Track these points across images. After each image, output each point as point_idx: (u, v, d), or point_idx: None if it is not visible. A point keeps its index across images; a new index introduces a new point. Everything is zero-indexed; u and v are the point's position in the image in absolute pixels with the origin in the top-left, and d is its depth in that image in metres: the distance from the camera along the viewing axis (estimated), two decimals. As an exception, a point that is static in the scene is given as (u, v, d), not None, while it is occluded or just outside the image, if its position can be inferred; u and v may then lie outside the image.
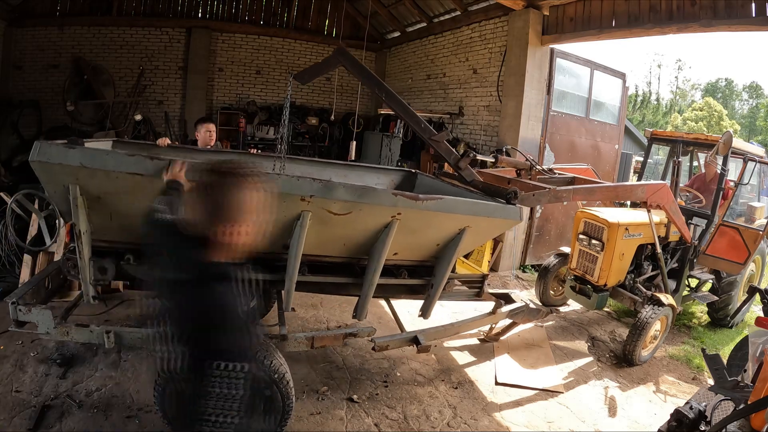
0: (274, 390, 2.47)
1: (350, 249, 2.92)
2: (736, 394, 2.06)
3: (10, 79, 8.61)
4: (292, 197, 2.41)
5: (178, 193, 2.02)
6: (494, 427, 3.13)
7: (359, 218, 2.64)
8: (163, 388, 2.39)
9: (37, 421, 2.64)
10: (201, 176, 1.44)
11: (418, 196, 2.68)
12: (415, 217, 2.70)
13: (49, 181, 2.26)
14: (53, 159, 2.13)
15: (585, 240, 4.52)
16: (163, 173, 2.17)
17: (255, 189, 1.40)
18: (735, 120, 30.62)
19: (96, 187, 2.26)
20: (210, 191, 1.39)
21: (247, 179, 1.39)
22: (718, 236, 4.85)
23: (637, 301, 4.40)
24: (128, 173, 2.18)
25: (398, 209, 2.64)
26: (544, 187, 3.38)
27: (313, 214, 2.51)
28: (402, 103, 3.35)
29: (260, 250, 2.72)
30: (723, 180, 4.79)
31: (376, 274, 2.88)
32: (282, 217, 2.52)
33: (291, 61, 10.42)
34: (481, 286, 3.85)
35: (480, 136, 7.36)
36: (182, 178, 2.14)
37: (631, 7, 5.34)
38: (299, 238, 2.54)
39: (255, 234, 1.45)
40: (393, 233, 2.72)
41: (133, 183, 2.22)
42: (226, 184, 1.37)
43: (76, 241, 2.40)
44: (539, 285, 5.34)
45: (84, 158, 2.14)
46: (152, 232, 1.60)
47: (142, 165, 2.20)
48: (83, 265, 2.48)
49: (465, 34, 7.83)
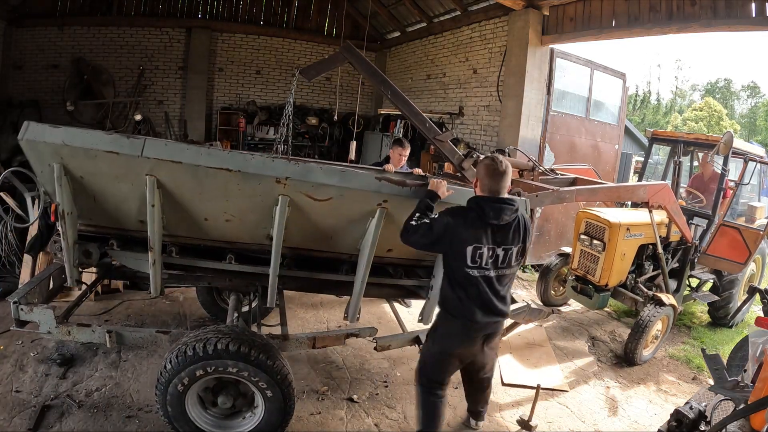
0: (276, 390, 2.47)
1: (339, 243, 2.80)
2: (736, 394, 2.06)
3: (10, 79, 8.62)
4: (267, 179, 2.33)
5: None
6: (494, 427, 3.13)
7: (342, 206, 2.52)
8: (165, 387, 2.40)
9: (37, 421, 2.64)
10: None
11: (405, 181, 2.53)
12: (403, 205, 2.53)
13: (37, 160, 2.30)
14: (39, 137, 2.19)
15: (586, 240, 4.53)
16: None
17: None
18: (735, 120, 30.60)
19: (78, 167, 2.30)
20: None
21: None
22: (718, 236, 4.86)
23: (638, 301, 4.41)
24: (106, 151, 2.21)
25: (383, 196, 2.49)
26: (546, 188, 3.37)
27: (293, 199, 2.41)
28: (407, 102, 3.33)
29: (245, 242, 2.69)
30: (723, 180, 4.79)
31: (367, 271, 2.73)
32: (260, 202, 2.43)
33: (291, 61, 10.43)
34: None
35: (480, 136, 7.36)
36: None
37: (631, 7, 5.35)
38: (279, 225, 2.45)
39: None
40: (381, 224, 2.56)
41: (111, 162, 2.25)
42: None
43: (59, 222, 2.41)
44: (540, 285, 5.34)
45: (66, 136, 2.20)
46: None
47: (118, 143, 2.23)
48: (67, 247, 2.48)
49: (465, 34, 7.84)
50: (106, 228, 2.64)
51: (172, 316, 4.17)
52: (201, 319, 4.07)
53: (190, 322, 4.08)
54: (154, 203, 2.35)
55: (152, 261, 2.52)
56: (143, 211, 2.39)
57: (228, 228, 2.62)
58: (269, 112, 10.10)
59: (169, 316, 4.15)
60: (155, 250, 2.49)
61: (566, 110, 6.86)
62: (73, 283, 2.62)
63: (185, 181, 2.35)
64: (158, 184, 2.32)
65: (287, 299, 3.81)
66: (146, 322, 3.99)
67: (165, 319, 4.10)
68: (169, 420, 2.48)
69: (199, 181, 2.34)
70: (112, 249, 2.67)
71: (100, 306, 4.15)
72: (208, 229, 2.64)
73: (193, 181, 2.34)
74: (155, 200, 2.35)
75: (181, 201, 2.44)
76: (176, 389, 2.40)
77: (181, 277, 3.82)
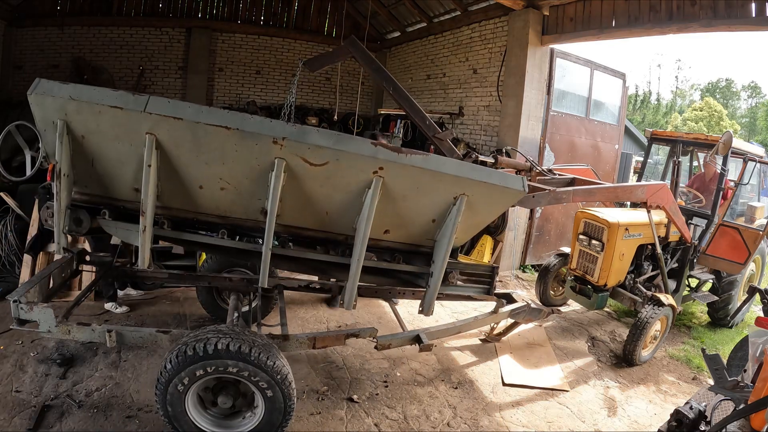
0: (277, 391, 2.47)
1: (335, 222, 2.75)
2: (736, 394, 2.06)
3: (10, 79, 8.62)
4: (264, 139, 2.34)
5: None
6: (494, 427, 3.13)
7: (338, 173, 2.48)
8: (165, 387, 2.40)
9: (37, 421, 2.64)
10: None
11: (401, 149, 2.49)
12: (399, 175, 2.48)
13: (42, 116, 2.34)
14: (47, 92, 2.24)
15: (585, 240, 4.52)
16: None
17: None
18: (735, 120, 30.60)
19: (81, 124, 2.33)
20: None
21: None
22: (718, 236, 4.85)
23: (637, 301, 4.40)
24: (110, 106, 2.25)
25: (379, 163, 2.45)
26: (544, 189, 3.37)
27: (288, 164, 2.41)
28: (408, 98, 3.36)
29: (239, 216, 2.69)
30: (723, 180, 4.79)
31: (363, 250, 2.66)
32: (257, 166, 2.44)
33: (291, 61, 10.42)
34: (491, 281, 3.41)
35: (480, 136, 7.36)
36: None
37: (631, 7, 5.35)
38: (274, 193, 2.44)
39: None
40: (377, 195, 2.51)
41: (114, 119, 2.29)
42: None
43: (55, 182, 2.44)
44: (539, 285, 5.33)
45: (73, 91, 2.25)
46: None
47: (123, 99, 2.27)
48: (59, 210, 2.49)
49: (465, 34, 7.83)
50: (100, 197, 2.66)
51: (172, 315, 4.17)
52: (201, 319, 4.07)
53: (190, 322, 4.08)
54: (151, 164, 2.37)
55: (143, 227, 2.50)
56: (139, 177, 2.42)
57: (223, 198, 2.61)
58: (269, 112, 10.09)
59: (169, 316, 4.15)
60: (147, 215, 2.48)
61: (566, 110, 6.86)
62: (59, 250, 2.61)
63: (184, 141, 2.38)
64: (157, 144, 2.35)
65: (287, 299, 3.82)
66: (146, 322, 3.99)
67: (165, 318, 4.11)
68: (169, 420, 2.47)
69: (197, 141, 2.37)
70: (103, 219, 2.66)
71: (99, 305, 4.15)
72: (202, 200, 2.64)
73: (192, 141, 2.37)
74: (153, 160, 2.37)
75: (177, 165, 2.46)
76: (176, 389, 2.40)
77: (181, 277, 3.84)
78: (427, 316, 3.16)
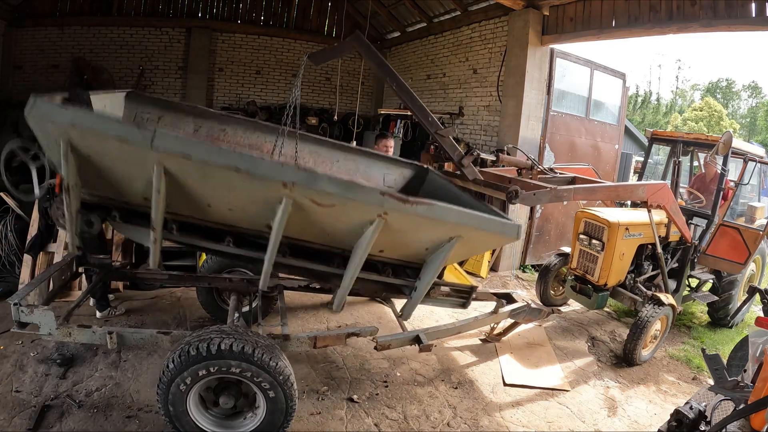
0: (278, 391, 2.47)
1: (334, 239, 2.82)
2: (736, 394, 2.06)
3: (10, 79, 8.62)
4: (274, 182, 2.34)
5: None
6: (494, 427, 3.13)
7: (344, 212, 2.55)
8: (167, 386, 2.40)
9: (37, 421, 2.64)
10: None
11: (408, 199, 2.55)
12: (402, 219, 2.57)
13: (43, 136, 2.30)
14: (46, 116, 2.16)
15: (585, 240, 4.52)
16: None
17: None
18: (735, 120, 30.60)
19: (86, 147, 2.29)
20: None
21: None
22: (718, 236, 4.86)
23: (637, 300, 4.40)
24: (116, 137, 2.20)
25: (385, 209, 2.51)
26: (545, 187, 3.37)
27: (296, 201, 2.43)
28: (411, 95, 3.37)
29: (244, 227, 2.72)
30: (723, 180, 4.80)
31: (358, 268, 2.75)
32: (264, 200, 2.46)
33: (291, 61, 10.43)
34: (468, 298, 3.63)
35: (480, 136, 7.36)
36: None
37: (631, 7, 5.35)
38: (280, 222, 2.47)
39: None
40: (378, 231, 2.60)
41: (120, 147, 2.24)
42: None
43: (64, 194, 2.43)
44: (540, 285, 5.33)
45: (74, 117, 2.17)
46: None
47: (128, 132, 2.21)
48: (70, 218, 2.50)
49: (465, 34, 7.84)
50: (110, 199, 2.66)
51: (172, 316, 4.17)
52: (201, 320, 4.07)
53: (190, 322, 4.08)
54: (160, 190, 2.37)
55: (153, 239, 2.55)
56: (148, 191, 2.41)
57: (229, 215, 2.66)
58: (269, 112, 10.08)
59: (169, 317, 4.15)
60: (157, 230, 2.52)
61: (566, 110, 6.86)
62: (74, 250, 2.64)
63: (192, 173, 2.37)
64: (165, 171, 2.34)
65: (287, 299, 3.82)
66: (146, 322, 3.99)
67: (165, 319, 4.11)
68: (171, 420, 2.47)
69: (205, 174, 2.37)
70: (114, 220, 2.68)
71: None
72: (210, 213, 2.67)
73: (199, 173, 2.37)
74: (161, 187, 2.36)
75: (185, 187, 2.47)
76: (178, 389, 2.40)
77: (181, 277, 3.84)
78: (405, 320, 3.26)
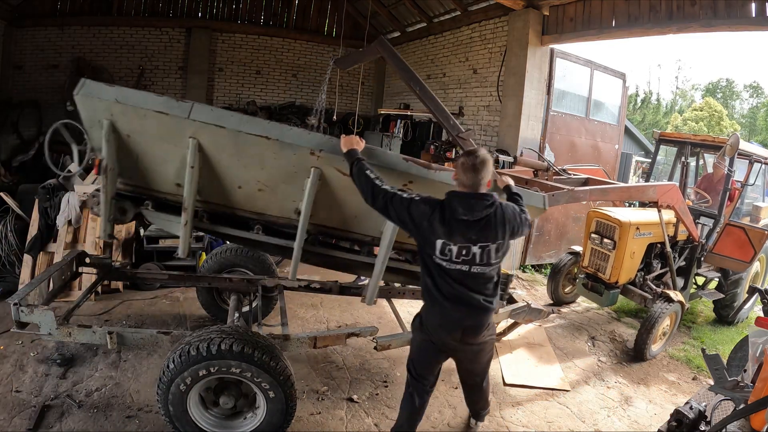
0: (279, 391, 2.47)
1: (362, 224, 2.87)
2: (736, 394, 2.06)
3: (10, 79, 8.61)
4: (302, 149, 2.44)
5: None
6: (494, 427, 3.13)
7: None
8: (167, 386, 2.40)
9: (37, 421, 2.64)
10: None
11: (431, 165, 2.64)
12: (427, 188, 2.56)
13: (88, 116, 2.43)
14: (93, 93, 2.33)
15: (597, 239, 4.60)
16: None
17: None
18: (735, 120, 30.58)
19: (126, 125, 2.42)
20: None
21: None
22: (724, 235, 4.92)
23: (647, 298, 4.48)
24: (155, 111, 2.33)
25: (410, 176, 2.59)
26: (562, 188, 3.41)
27: (323, 172, 2.53)
28: (434, 99, 3.45)
29: (273, 214, 2.80)
30: (729, 181, 4.84)
31: (388, 253, 2.78)
32: (293, 172, 2.54)
33: (291, 61, 10.43)
34: (505, 288, 3.50)
35: (480, 136, 7.36)
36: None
37: (631, 7, 5.35)
38: (309, 197, 2.56)
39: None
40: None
41: (158, 122, 2.37)
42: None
43: (101, 176, 2.54)
44: (551, 283, 5.43)
45: (119, 94, 2.34)
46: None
47: (168, 104, 2.35)
48: (105, 201, 2.59)
49: (465, 34, 7.84)
50: (143, 188, 2.76)
51: (172, 316, 4.18)
52: (201, 320, 4.07)
53: (190, 322, 4.08)
54: (194, 165, 2.46)
55: (184, 222, 2.62)
56: (181, 174, 2.51)
57: (259, 198, 2.71)
58: (269, 112, 10.09)
59: (169, 317, 4.16)
60: (188, 211, 2.59)
61: (566, 110, 6.86)
62: (105, 236, 2.71)
63: (225, 146, 2.46)
64: (199, 147, 2.44)
65: (287, 299, 3.82)
66: (146, 322, 4.00)
67: (165, 319, 4.11)
68: (171, 420, 2.47)
69: (238, 147, 2.46)
70: (147, 209, 2.77)
71: (100, 306, 4.15)
72: (240, 198, 2.73)
73: (233, 146, 2.45)
74: (195, 162, 2.46)
75: (218, 166, 2.55)
76: (178, 389, 2.40)
77: (181, 277, 3.85)
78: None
